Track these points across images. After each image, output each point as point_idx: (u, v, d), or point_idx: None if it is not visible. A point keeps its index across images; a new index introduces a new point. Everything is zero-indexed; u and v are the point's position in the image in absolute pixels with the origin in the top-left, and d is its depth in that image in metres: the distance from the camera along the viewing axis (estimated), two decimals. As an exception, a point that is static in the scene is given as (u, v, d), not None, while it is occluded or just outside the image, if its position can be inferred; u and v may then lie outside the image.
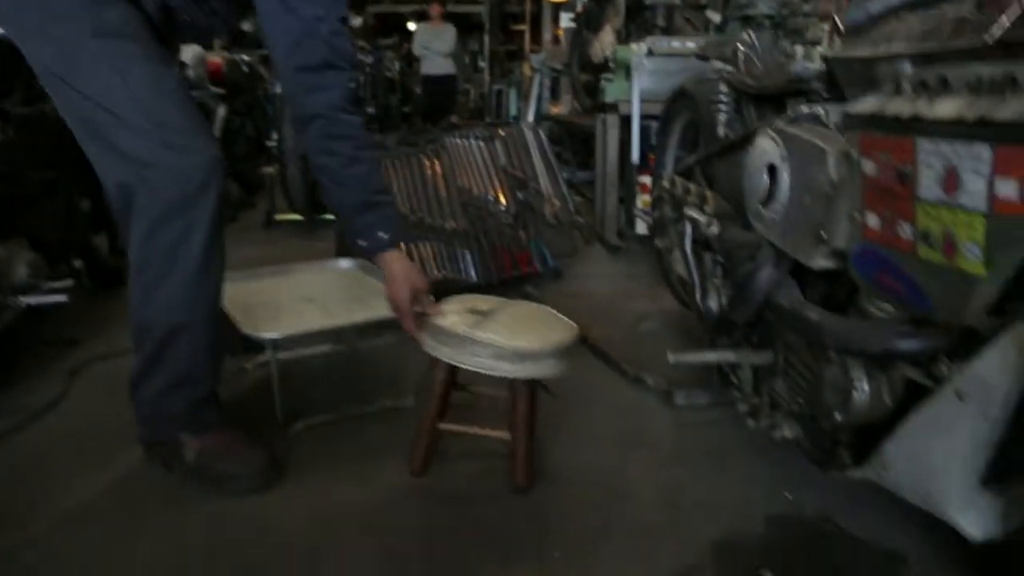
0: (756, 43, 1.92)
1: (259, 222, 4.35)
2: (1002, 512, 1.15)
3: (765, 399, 1.62)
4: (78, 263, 2.35)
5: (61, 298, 2.04)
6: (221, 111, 4.36)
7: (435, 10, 8.12)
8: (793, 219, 1.26)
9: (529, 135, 3.12)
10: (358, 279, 2.24)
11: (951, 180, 0.87)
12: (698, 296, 1.85)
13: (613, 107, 3.53)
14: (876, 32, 1.18)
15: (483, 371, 1.49)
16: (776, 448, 1.69)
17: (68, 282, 2.12)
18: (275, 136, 3.95)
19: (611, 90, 3.58)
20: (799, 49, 1.69)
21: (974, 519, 1.15)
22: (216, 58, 4.72)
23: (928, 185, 0.91)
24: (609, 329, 2.53)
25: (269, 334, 1.76)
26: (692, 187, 1.87)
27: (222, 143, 4.39)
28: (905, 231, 0.97)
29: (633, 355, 2.25)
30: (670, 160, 2.52)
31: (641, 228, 3.44)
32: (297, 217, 4.16)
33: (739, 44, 1.96)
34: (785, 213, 1.29)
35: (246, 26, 7.01)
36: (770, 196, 1.33)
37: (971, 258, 0.88)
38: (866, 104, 1.02)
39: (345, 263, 2.35)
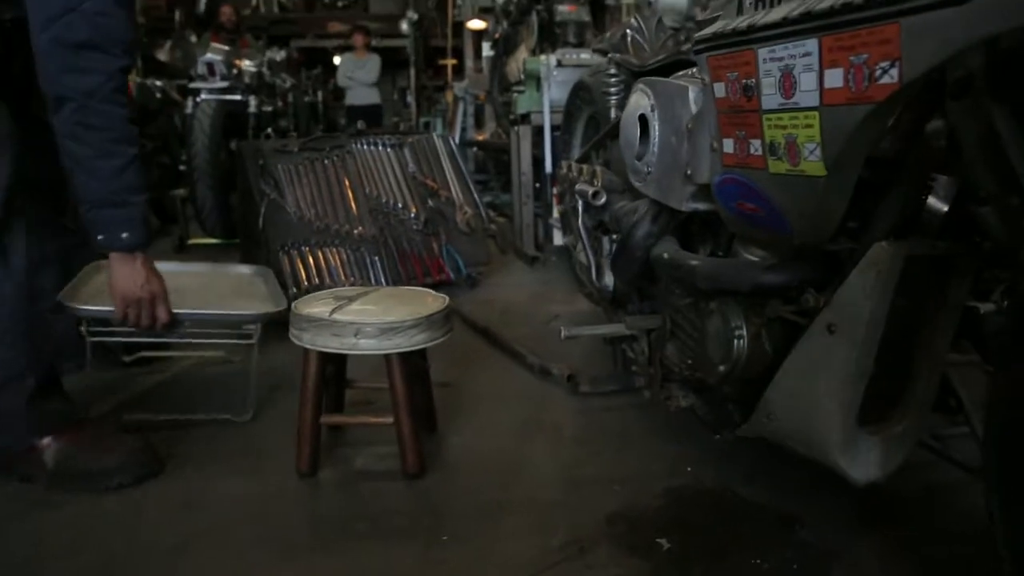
0: (643, 26, 1.95)
1: (172, 247, 4.21)
2: (881, 453, 1.14)
3: (659, 369, 1.59)
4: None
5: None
6: (130, 136, 4.23)
7: (358, 40, 8.12)
8: (664, 165, 1.25)
9: (439, 143, 3.10)
10: (246, 282, 2.07)
11: (788, 82, 0.87)
12: (594, 275, 1.83)
13: (525, 118, 3.55)
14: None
15: (347, 351, 1.44)
16: (679, 429, 1.67)
17: None
18: (184, 155, 3.85)
19: (522, 101, 3.61)
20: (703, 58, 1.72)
21: (855, 462, 1.13)
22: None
23: (769, 93, 0.91)
24: (519, 329, 2.50)
25: (84, 306, 1.60)
26: (585, 168, 1.87)
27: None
28: (756, 148, 0.96)
29: (540, 350, 2.22)
30: (575, 154, 2.52)
31: (558, 239, 3.44)
32: (211, 240, 4.04)
33: (627, 30, 1.99)
34: (657, 162, 1.28)
35: (162, 56, 6.93)
36: (643, 150, 1.33)
37: (812, 159, 0.87)
38: (712, 28, 1.02)
39: (244, 268, 2.20)
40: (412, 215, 2.86)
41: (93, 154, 1.42)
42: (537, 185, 3.63)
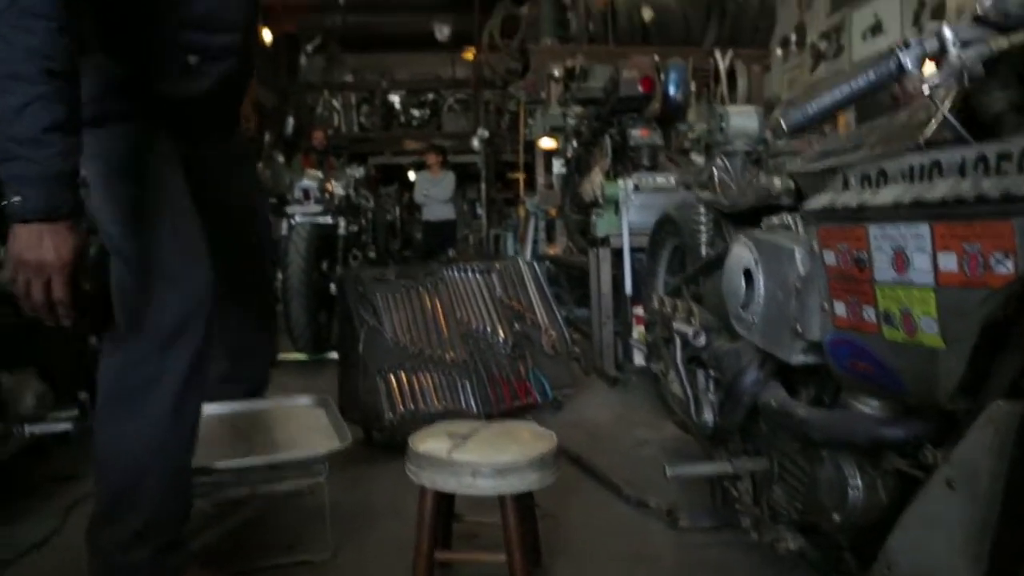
0: (729, 167, 2.06)
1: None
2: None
3: (766, 510, 1.60)
4: (83, 395, 2.39)
5: (66, 427, 2.05)
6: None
7: (432, 159, 8.56)
8: (770, 318, 1.32)
9: (524, 268, 3.23)
10: (309, 415, 2.09)
11: (900, 260, 0.94)
12: (693, 411, 1.86)
13: (604, 241, 3.67)
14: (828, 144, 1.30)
15: (466, 492, 1.48)
16: (783, 565, 1.66)
17: (74, 412, 2.13)
18: (280, 275, 4.08)
19: (602, 225, 3.74)
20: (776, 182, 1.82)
21: (983, 616, 1.12)
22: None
23: (882, 267, 0.97)
24: (609, 456, 2.53)
25: None
26: (679, 303, 1.94)
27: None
28: (869, 315, 1.02)
29: (634, 479, 2.24)
30: (660, 285, 2.60)
31: (638, 360, 3.47)
32: (300, 356, 4.21)
33: (714, 169, 2.10)
34: (763, 313, 1.34)
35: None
36: (748, 299, 1.39)
37: (929, 332, 0.92)
38: (820, 200, 1.10)
39: (304, 400, 2.20)
40: (500, 339, 2.96)
41: None
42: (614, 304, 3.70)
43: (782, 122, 1.03)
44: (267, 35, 11.96)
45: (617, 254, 3.59)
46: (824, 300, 1.13)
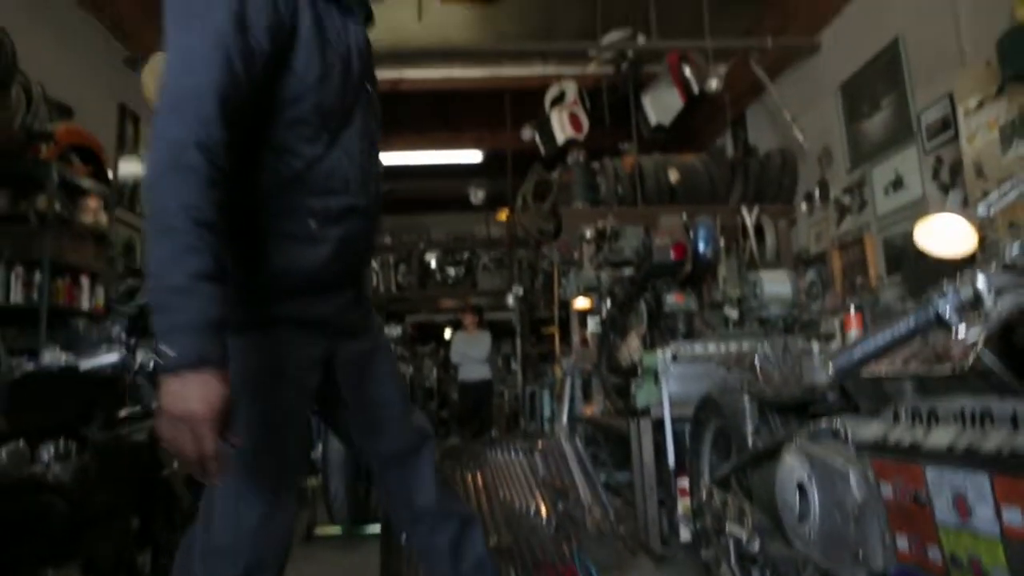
0: (770, 353, 2.09)
1: (298, 535, 4.33)
2: None
3: None
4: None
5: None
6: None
7: (468, 319, 8.69)
8: (829, 538, 1.29)
9: (567, 446, 3.22)
10: None
11: (962, 506, 0.93)
12: (750, 612, 1.79)
13: (645, 411, 3.66)
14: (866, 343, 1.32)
15: None
16: None
17: None
18: (320, 447, 4.10)
19: (642, 395, 3.73)
20: (814, 346, 1.84)
21: None
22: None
23: (943, 509, 0.97)
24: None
25: None
26: (730, 499, 1.91)
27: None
28: (935, 555, 1.01)
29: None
30: (705, 466, 2.57)
31: (684, 535, 3.36)
32: (337, 530, 4.14)
33: (756, 356, 2.13)
34: (820, 531, 1.32)
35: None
36: (803, 513, 1.38)
37: (1001, 583, 0.91)
38: (872, 430, 1.11)
39: None
40: (544, 520, 2.90)
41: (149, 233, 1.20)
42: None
43: (831, 369, 1.07)
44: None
45: (658, 424, 3.57)
46: (884, 531, 1.12)
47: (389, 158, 10.40)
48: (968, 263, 1.05)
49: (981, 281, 0.97)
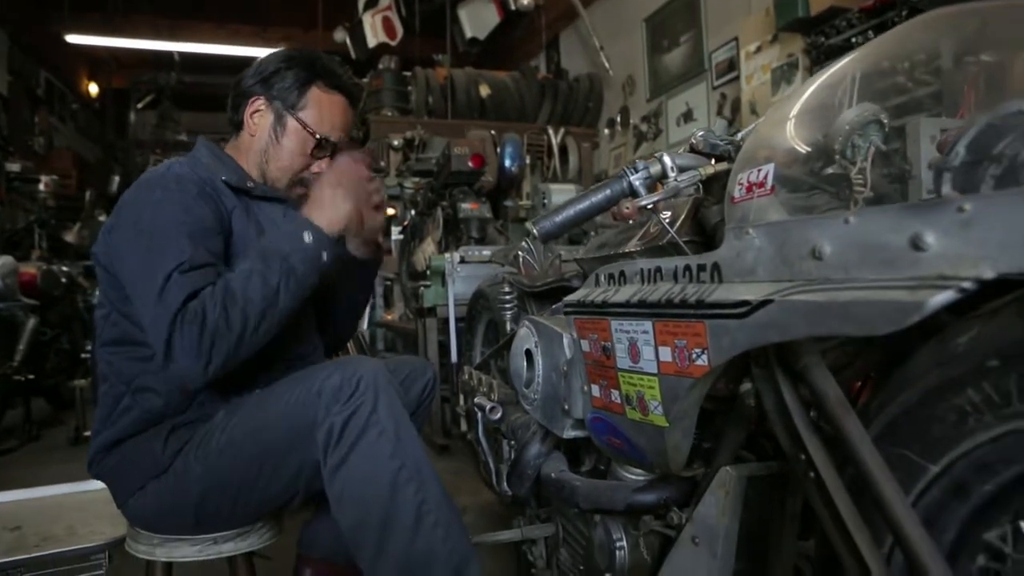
0: (533, 248, 2.23)
1: (67, 439, 4.08)
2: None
3: (555, 572, 1.71)
4: None
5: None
6: (30, 323, 4.22)
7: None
8: (546, 397, 1.44)
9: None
10: (94, 499, 1.94)
11: (634, 351, 1.09)
12: (494, 480, 1.96)
13: (432, 311, 3.77)
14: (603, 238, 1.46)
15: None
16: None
17: None
18: (90, 347, 3.85)
19: (428, 296, 3.85)
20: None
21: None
22: (31, 268, 4.62)
23: (622, 356, 1.12)
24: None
25: None
26: (483, 377, 2.05)
27: (31, 357, 4.20)
28: (616, 397, 1.16)
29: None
30: (476, 356, 2.72)
31: (464, 426, 3.56)
32: (109, 433, 3.95)
33: (519, 250, 2.26)
34: (541, 392, 1.47)
35: (69, 237, 6.96)
36: (529, 379, 1.52)
37: (657, 413, 1.07)
38: (576, 295, 1.25)
39: (92, 484, 1.97)
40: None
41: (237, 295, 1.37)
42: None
43: (535, 230, 1.18)
44: (93, 88, 11.36)
45: (444, 323, 3.70)
46: (584, 382, 1.27)
47: (191, 47, 9.59)
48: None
49: (667, 159, 1.10)
